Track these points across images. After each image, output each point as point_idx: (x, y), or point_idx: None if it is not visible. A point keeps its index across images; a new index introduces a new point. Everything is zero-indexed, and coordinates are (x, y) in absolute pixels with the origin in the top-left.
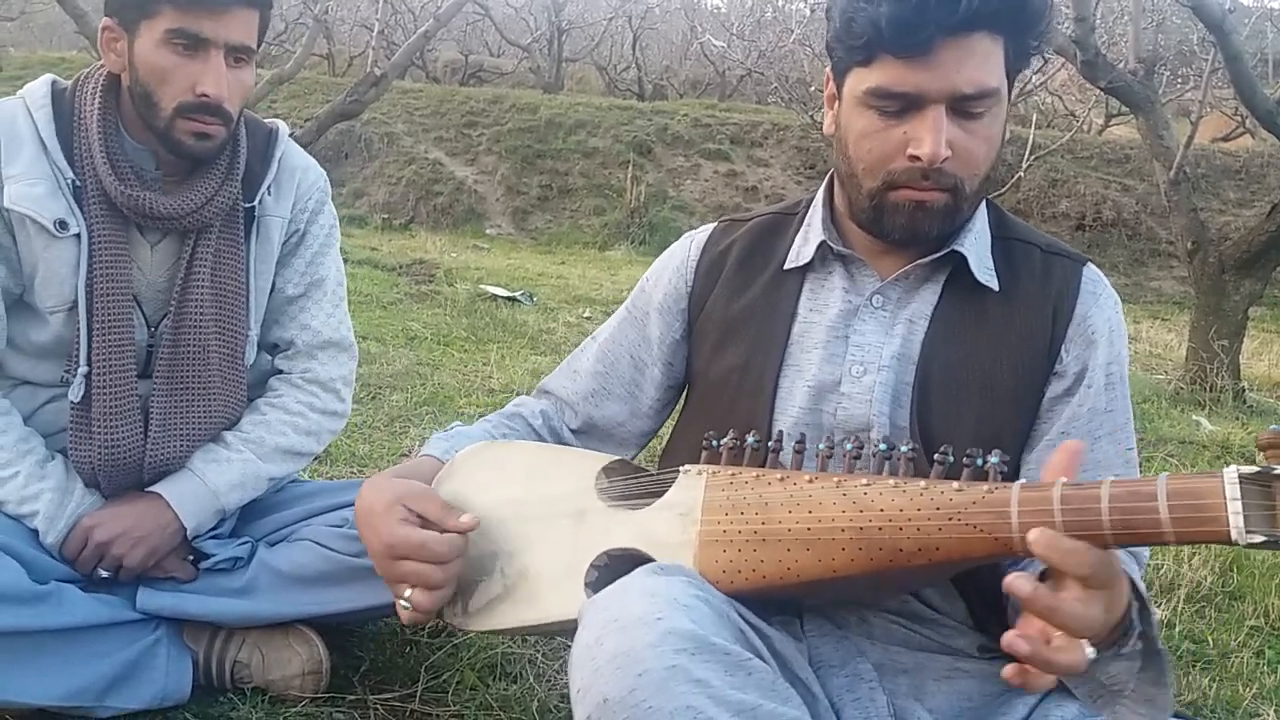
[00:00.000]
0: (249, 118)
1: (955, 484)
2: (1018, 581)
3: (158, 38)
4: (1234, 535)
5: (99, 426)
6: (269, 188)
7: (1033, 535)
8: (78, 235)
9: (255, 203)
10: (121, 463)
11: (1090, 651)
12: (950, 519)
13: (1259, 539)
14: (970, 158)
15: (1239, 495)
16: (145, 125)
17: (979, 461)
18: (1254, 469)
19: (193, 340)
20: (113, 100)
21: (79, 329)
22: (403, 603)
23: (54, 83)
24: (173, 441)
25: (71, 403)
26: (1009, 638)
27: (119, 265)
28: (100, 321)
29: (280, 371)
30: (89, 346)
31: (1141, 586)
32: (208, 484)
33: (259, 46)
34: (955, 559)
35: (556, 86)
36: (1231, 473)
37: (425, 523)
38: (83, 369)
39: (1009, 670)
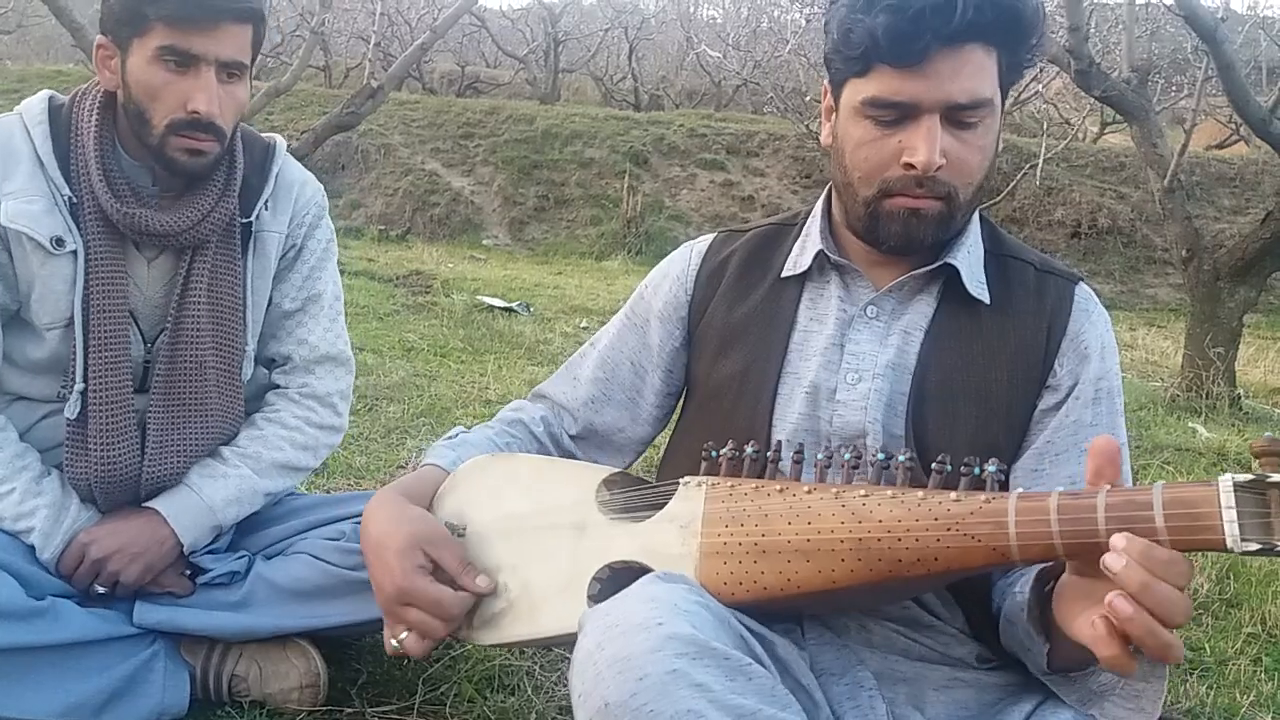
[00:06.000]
0: (246, 132)
1: (953, 494)
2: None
3: (149, 55)
4: (1229, 544)
5: (95, 443)
6: (266, 203)
7: (1119, 540)
8: (74, 252)
9: (252, 218)
10: (118, 479)
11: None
12: (948, 529)
13: (1254, 547)
14: (964, 166)
15: (1234, 504)
16: (140, 142)
17: (976, 470)
18: (1249, 477)
19: (189, 356)
20: (109, 117)
21: (75, 346)
22: (394, 642)
23: (51, 98)
24: (170, 457)
25: (68, 419)
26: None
27: (115, 282)
28: (97, 338)
29: (277, 386)
30: (85, 363)
31: None
32: (204, 499)
33: (254, 61)
34: (954, 568)
35: (553, 97)
36: (1226, 481)
37: (439, 570)
38: (79, 385)
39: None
